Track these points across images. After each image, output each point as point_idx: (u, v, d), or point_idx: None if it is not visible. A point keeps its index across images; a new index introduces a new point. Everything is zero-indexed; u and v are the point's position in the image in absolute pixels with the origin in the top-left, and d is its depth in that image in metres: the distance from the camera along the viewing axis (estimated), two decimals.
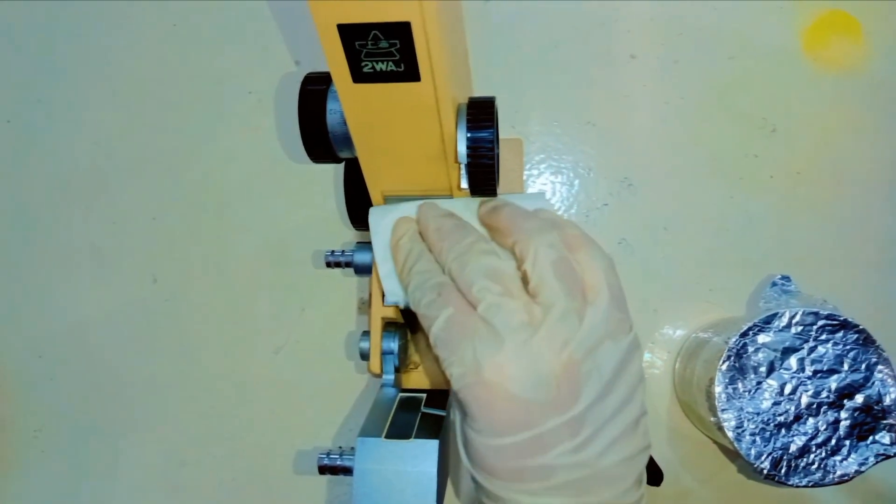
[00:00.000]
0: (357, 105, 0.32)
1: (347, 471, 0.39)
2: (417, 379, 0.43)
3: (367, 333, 0.42)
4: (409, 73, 0.30)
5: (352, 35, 0.29)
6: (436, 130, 0.33)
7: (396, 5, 0.27)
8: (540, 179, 0.53)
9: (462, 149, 0.34)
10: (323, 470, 0.39)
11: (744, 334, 0.42)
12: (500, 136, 0.40)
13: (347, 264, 0.44)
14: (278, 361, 0.51)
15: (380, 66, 0.30)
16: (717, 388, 0.41)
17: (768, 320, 0.42)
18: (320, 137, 0.37)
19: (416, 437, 0.36)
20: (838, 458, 0.41)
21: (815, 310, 0.42)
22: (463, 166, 0.35)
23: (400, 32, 0.28)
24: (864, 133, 0.52)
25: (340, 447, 0.40)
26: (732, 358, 0.42)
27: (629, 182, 0.52)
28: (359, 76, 0.30)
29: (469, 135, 0.34)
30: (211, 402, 0.51)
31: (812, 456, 0.41)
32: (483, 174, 0.35)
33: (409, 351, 0.44)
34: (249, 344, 0.52)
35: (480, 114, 0.34)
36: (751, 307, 0.49)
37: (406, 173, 0.37)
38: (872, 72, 0.53)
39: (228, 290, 0.52)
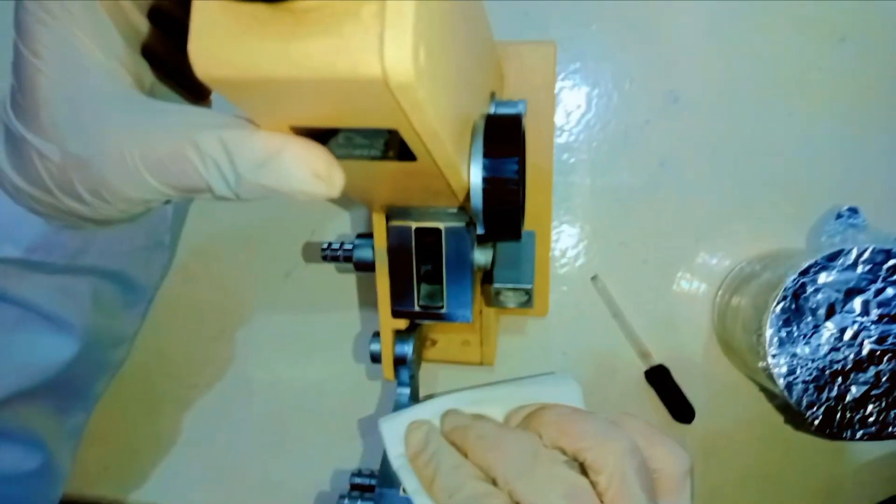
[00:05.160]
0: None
1: None
2: (435, 353, 0.43)
3: (377, 335, 0.40)
4: (401, 157, 0.23)
5: (317, 136, 0.22)
6: (441, 185, 0.27)
7: (377, 112, 0.20)
8: (574, 92, 0.47)
9: (476, 190, 0.27)
10: None
11: (804, 272, 0.37)
12: (530, 39, 0.34)
13: (347, 259, 0.39)
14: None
15: (359, 153, 0.23)
16: (769, 331, 0.37)
17: (832, 257, 0.37)
18: None
19: None
20: None
21: (888, 247, 0.37)
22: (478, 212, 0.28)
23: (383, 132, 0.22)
24: None
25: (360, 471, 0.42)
26: (789, 298, 0.37)
27: (675, 96, 0.47)
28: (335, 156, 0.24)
29: (485, 175, 0.26)
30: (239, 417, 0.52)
31: (871, 407, 0.37)
32: (504, 220, 0.28)
33: (425, 332, 0.43)
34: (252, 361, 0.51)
35: (501, 141, 0.26)
36: (811, 242, 0.44)
37: (409, 201, 0.32)
38: None
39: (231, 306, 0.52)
